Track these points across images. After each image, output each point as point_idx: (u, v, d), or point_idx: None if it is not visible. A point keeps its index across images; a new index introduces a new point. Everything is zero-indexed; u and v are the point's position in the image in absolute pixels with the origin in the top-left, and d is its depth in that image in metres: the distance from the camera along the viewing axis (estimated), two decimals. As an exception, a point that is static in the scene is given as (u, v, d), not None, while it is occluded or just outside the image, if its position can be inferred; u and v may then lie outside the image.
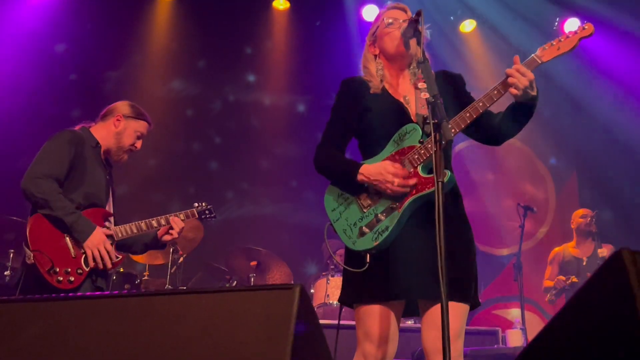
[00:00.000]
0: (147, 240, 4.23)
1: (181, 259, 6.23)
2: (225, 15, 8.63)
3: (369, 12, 8.43)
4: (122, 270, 6.10)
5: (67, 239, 3.76)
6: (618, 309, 1.12)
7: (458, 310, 2.75)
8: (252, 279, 6.51)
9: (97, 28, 8.32)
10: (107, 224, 4.00)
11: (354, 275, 2.84)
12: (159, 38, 8.75)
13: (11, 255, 5.78)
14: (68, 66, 8.30)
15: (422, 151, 2.81)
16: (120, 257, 3.97)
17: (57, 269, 3.66)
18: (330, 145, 3.07)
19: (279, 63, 9.04)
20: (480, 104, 2.81)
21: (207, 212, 4.46)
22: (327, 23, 8.83)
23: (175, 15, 8.71)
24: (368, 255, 2.78)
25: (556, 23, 8.52)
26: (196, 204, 4.45)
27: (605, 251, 6.72)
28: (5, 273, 5.76)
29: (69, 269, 3.70)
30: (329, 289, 6.39)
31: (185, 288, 6.03)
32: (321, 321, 5.70)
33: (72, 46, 8.34)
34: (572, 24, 8.38)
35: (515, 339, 5.88)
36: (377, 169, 2.83)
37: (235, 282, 6.58)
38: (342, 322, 3.00)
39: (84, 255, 3.78)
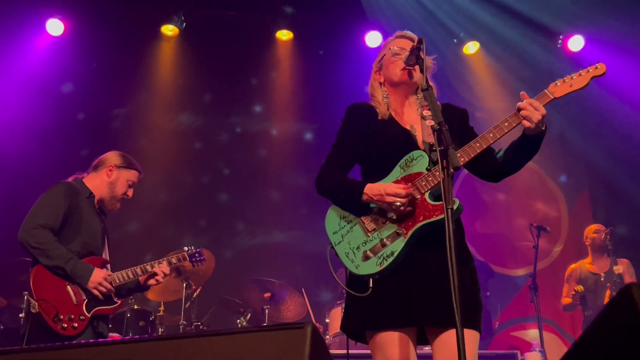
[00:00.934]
0: (132, 285, 4.32)
1: (195, 293, 6.21)
2: (229, 48, 8.70)
3: (372, 39, 8.48)
4: (136, 307, 6.09)
5: (68, 287, 3.90)
6: (629, 340, 1.11)
7: (471, 338, 2.72)
8: (267, 311, 6.46)
9: (103, 66, 8.41)
10: (104, 270, 4.11)
11: (360, 302, 2.81)
12: (165, 73, 8.83)
13: (25, 298, 5.77)
14: (75, 106, 8.38)
15: (430, 178, 2.79)
16: (120, 302, 4.12)
17: (62, 317, 3.79)
18: (334, 167, 3.07)
19: (285, 93, 9.08)
20: (491, 135, 2.79)
21: (196, 254, 4.60)
22: (330, 51, 8.88)
23: (179, 50, 8.78)
24: (371, 280, 2.76)
25: (560, 40, 8.53)
26: (186, 248, 4.61)
27: (621, 268, 6.64)
28: (20, 315, 5.75)
29: (72, 316, 3.84)
30: (345, 318, 6.33)
31: (200, 323, 6.01)
32: (338, 351, 5.65)
33: (78, 85, 8.42)
34: (575, 42, 8.40)
35: (534, 362, 5.81)
36: (379, 187, 2.81)
37: (249, 314, 6.54)
38: (350, 350, 2.96)
39: (85, 302, 3.92)
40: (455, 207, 2.68)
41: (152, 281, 4.27)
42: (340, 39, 8.74)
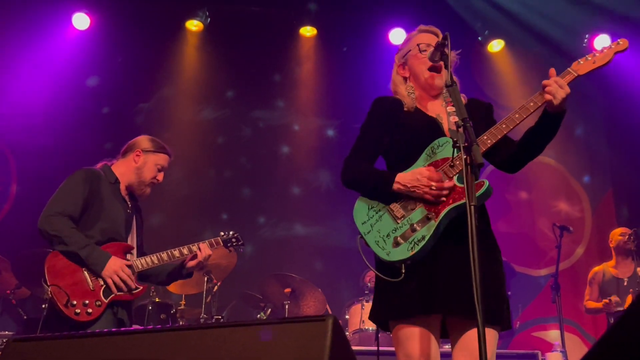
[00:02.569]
0: (171, 269, 4.24)
1: (216, 287, 6.24)
2: (253, 44, 8.73)
3: (396, 36, 8.46)
4: (157, 300, 6.14)
5: (85, 272, 3.80)
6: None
7: (488, 336, 2.70)
8: (287, 306, 6.48)
9: (128, 61, 8.47)
10: (128, 256, 4.03)
11: (387, 291, 2.81)
12: (189, 68, 8.88)
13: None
14: (100, 99, 8.45)
15: (457, 162, 2.77)
16: (142, 287, 3.98)
17: (75, 302, 3.69)
18: (359, 158, 3.05)
19: (308, 89, 9.09)
20: (517, 116, 2.80)
21: (233, 240, 4.48)
22: (354, 48, 8.88)
23: (204, 45, 8.83)
24: (403, 266, 2.73)
25: (586, 39, 8.44)
26: (222, 233, 4.49)
27: (645, 270, 6.56)
28: (43, 306, 5.83)
29: (87, 301, 3.73)
30: (364, 315, 6.34)
31: (220, 317, 6.04)
32: (357, 347, 5.65)
33: (103, 79, 8.50)
34: (602, 41, 8.31)
35: (555, 362, 5.77)
36: (413, 175, 2.80)
37: (269, 309, 6.56)
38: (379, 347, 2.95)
39: (103, 287, 3.81)
40: (482, 190, 2.68)
41: (191, 263, 4.16)
42: (363, 35, 8.73)
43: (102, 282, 3.82)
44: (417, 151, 2.91)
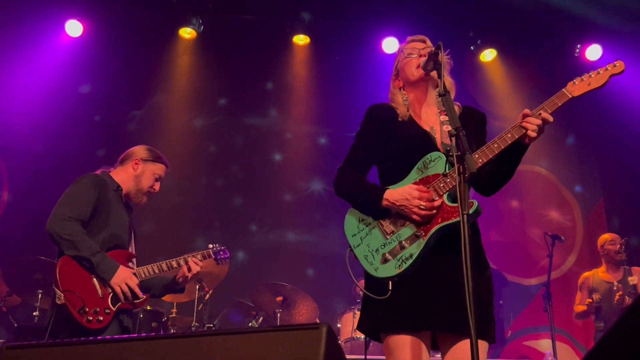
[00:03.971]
0: (166, 282, 4.29)
1: (207, 295, 6.22)
2: (246, 52, 8.73)
3: (389, 45, 8.48)
4: (149, 308, 6.11)
5: (95, 279, 3.83)
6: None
7: (480, 349, 2.71)
8: (279, 315, 6.47)
9: (121, 68, 8.45)
10: (130, 264, 4.06)
11: (377, 304, 2.79)
12: (182, 76, 8.87)
13: (39, 296, 5.82)
14: (93, 107, 8.43)
15: (448, 179, 2.77)
16: (145, 296, 4.02)
17: (87, 309, 3.72)
18: (353, 169, 3.05)
19: (300, 97, 9.10)
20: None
21: (221, 252, 4.53)
22: (347, 57, 8.89)
23: (197, 53, 8.82)
24: (390, 283, 2.73)
25: (577, 49, 8.49)
26: (211, 245, 4.54)
27: (635, 278, 6.57)
28: (34, 313, 5.81)
29: (98, 309, 3.77)
30: (355, 323, 6.33)
31: (212, 325, 6.02)
32: (349, 356, 5.64)
33: (96, 87, 8.48)
34: (593, 51, 8.36)
35: (547, 371, 5.77)
36: (402, 194, 2.79)
37: (261, 318, 6.54)
38: (368, 356, 2.95)
39: (110, 295, 3.85)
40: (472, 209, 2.66)
41: (180, 278, 4.20)
42: (356, 44, 8.75)
43: (109, 290, 3.86)
44: (409, 164, 2.92)
